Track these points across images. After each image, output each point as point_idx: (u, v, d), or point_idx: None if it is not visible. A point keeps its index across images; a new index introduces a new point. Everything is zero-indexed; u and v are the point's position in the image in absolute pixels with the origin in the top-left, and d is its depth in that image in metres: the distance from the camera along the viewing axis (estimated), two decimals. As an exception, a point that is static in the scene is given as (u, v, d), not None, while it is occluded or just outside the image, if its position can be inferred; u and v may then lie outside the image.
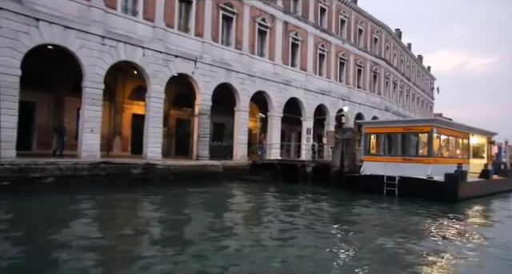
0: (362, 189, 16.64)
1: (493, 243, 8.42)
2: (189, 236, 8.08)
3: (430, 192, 14.74)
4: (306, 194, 16.49)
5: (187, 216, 10.50)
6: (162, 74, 18.12)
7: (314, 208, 12.56)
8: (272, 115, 25.26)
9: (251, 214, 11.56)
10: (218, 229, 8.70)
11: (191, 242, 7.47)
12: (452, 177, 14.59)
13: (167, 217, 10.16)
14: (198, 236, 7.88)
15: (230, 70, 21.88)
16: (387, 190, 15.90)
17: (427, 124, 15.51)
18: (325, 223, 10.09)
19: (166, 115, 23.28)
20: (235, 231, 8.69)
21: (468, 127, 18.68)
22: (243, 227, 9.37)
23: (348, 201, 14.70)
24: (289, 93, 26.38)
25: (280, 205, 13.33)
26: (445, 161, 16.28)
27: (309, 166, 20.26)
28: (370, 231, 9.33)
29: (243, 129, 22.87)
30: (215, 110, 25.70)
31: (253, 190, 17.15)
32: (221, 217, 10.35)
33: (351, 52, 33.38)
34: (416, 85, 53.08)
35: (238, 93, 22.59)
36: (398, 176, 15.63)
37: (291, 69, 26.94)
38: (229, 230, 8.79)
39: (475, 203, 15.27)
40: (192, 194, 14.68)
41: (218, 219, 9.94)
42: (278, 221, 9.95)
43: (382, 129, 16.93)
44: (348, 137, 18.09)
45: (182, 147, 24.30)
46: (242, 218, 10.66)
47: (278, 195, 15.81)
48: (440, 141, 16.35)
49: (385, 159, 16.39)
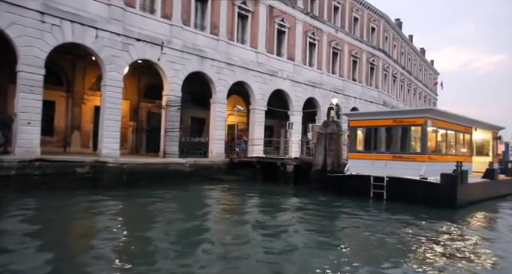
0: (345, 191, 14.42)
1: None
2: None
3: (423, 196, 12.49)
4: (278, 197, 14.26)
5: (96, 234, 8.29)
6: (120, 59, 15.91)
7: (270, 221, 10.21)
8: (255, 109, 23.01)
9: (188, 232, 9.32)
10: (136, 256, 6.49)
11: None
12: (449, 178, 12.28)
13: (76, 231, 7.97)
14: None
15: (204, 58, 19.64)
16: (374, 192, 13.66)
17: (420, 115, 13.19)
18: (272, 250, 7.81)
19: (135, 108, 21.22)
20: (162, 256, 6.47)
21: (470, 120, 16.32)
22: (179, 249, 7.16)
23: (326, 207, 12.43)
24: (274, 84, 24.10)
25: (231, 217, 11.08)
26: (442, 159, 13.97)
27: (290, 164, 18.02)
28: (341, 256, 7.08)
29: (220, 123, 20.64)
30: (194, 104, 23.63)
31: (219, 193, 14.95)
32: (144, 240, 8.11)
33: (345, 42, 30.99)
34: (418, 79, 50.52)
35: (214, 83, 20.35)
36: (387, 177, 13.37)
37: (277, 58, 24.65)
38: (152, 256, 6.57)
39: (478, 208, 12.94)
40: (140, 198, 12.49)
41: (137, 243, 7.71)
42: (218, 245, 7.70)
43: (369, 122, 14.63)
44: (331, 131, 15.80)
45: (154, 143, 22.09)
46: (178, 237, 8.44)
47: (241, 201, 13.55)
48: (436, 135, 14.03)
49: (372, 157, 14.10)
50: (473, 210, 12.60)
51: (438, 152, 14.07)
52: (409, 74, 45.82)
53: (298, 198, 14.29)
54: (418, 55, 50.75)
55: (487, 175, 15.64)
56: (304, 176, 17.22)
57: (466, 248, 7.59)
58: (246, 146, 20.79)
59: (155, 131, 21.60)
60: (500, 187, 16.42)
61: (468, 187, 13.10)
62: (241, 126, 26.83)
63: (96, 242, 6.92)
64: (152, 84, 21.25)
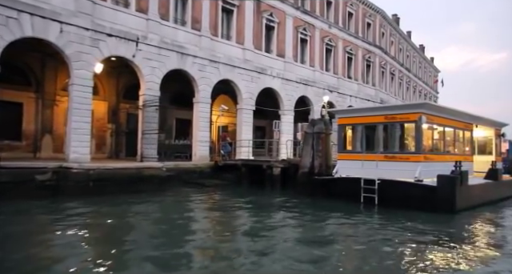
0: (334, 196, 13.15)
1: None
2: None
3: (418, 200, 11.21)
4: (259, 205, 13.00)
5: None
6: (89, 56, 14.71)
7: (247, 237, 8.99)
8: (242, 108, 21.76)
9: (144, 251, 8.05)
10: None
11: None
12: (447, 180, 10.99)
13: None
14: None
15: (185, 55, 18.42)
16: (365, 197, 12.38)
17: (414, 111, 11.90)
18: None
19: (114, 110, 20.02)
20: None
21: (470, 116, 15.01)
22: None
23: (310, 216, 11.15)
24: (263, 83, 22.86)
25: (200, 232, 9.83)
26: (439, 159, 12.68)
27: (276, 167, 16.74)
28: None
29: (203, 124, 19.40)
30: (179, 104, 22.44)
31: (196, 200, 13.68)
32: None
33: (340, 38, 29.72)
34: (417, 77, 49.17)
35: (197, 81, 19.12)
36: (378, 179, 12.08)
37: (266, 55, 23.42)
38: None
39: (480, 213, 11.63)
40: (105, 207, 11.26)
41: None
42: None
43: (358, 119, 13.34)
44: (319, 130, 14.53)
45: (135, 146, 20.94)
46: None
47: (217, 210, 12.28)
48: (432, 133, 12.74)
49: (362, 157, 12.81)
50: (474, 215, 11.28)
51: (434, 151, 12.78)
52: (408, 72, 44.50)
53: (282, 205, 13.03)
54: (417, 52, 49.43)
55: (490, 176, 14.32)
56: (292, 180, 15.96)
57: (466, 262, 6.31)
58: (232, 148, 19.50)
59: (135, 134, 20.43)
60: (504, 189, 15.09)
61: (468, 189, 11.80)
62: (231, 128, 25.60)
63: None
64: (132, 84, 19.99)
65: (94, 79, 19.04)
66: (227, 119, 26.74)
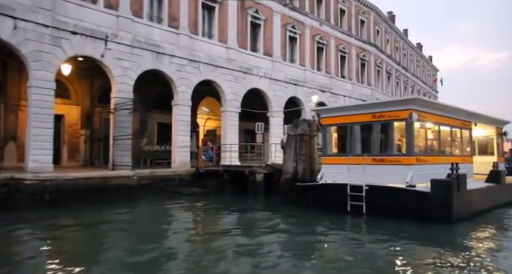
0: (319, 204, 11.85)
1: None
2: None
3: (411, 208, 9.87)
4: (236, 217, 11.72)
5: None
6: (50, 56, 13.49)
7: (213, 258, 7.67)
8: (226, 110, 20.50)
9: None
10: None
11: None
12: (442, 185, 9.67)
13: None
14: None
15: (161, 54, 17.20)
16: (351, 205, 11.05)
17: (404, 108, 10.58)
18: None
19: (88, 114, 18.76)
20: None
21: (469, 113, 13.69)
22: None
23: (290, 230, 9.85)
24: (249, 83, 21.61)
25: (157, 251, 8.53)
26: (434, 160, 11.35)
27: (259, 173, 15.43)
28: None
29: (183, 128, 18.12)
30: (161, 108, 21.18)
31: (166, 212, 12.39)
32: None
33: (331, 35, 28.48)
34: (416, 76, 47.87)
35: (175, 82, 17.88)
36: (366, 185, 10.76)
37: (251, 54, 22.19)
38: None
39: (481, 222, 10.28)
40: (59, 223, 10.00)
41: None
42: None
43: (343, 118, 12.03)
44: (302, 132, 13.24)
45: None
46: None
47: (187, 224, 11.03)
48: (426, 132, 11.41)
49: (347, 161, 11.49)
50: (474, 224, 9.95)
51: (428, 153, 11.44)
52: (405, 71, 43.21)
53: (261, 217, 11.73)
54: (415, 51, 48.16)
55: (492, 179, 12.98)
56: (277, 186, 14.64)
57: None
58: (214, 153, 18.20)
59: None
60: (508, 193, 13.73)
61: (467, 194, 10.46)
62: (220, 132, 24.32)
63: None
64: (108, 86, 18.53)
65: (65, 82, 18.03)
66: (215, 123, 25.51)
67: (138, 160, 20.69)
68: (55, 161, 17.09)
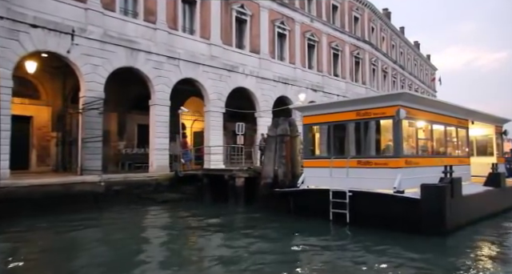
0: (300, 212, 10.72)
1: None
2: None
3: (399, 218, 8.72)
4: (208, 229, 10.54)
5: None
6: (5, 51, 12.33)
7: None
8: (209, 111, 19.36)
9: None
10: None
11: None
12: (433, 191, 8.51)
13: None
14: None
15: (136, 50, 16.08)
16: (334, 213, 9.90)
17: (391, 104, 9.43)
18: None
19: (60, 116, 17.61)
20: None
21: (465, 110, 12.53)
22: None
23: (262, 242, 8.67)
24: (234, 82, 20.49)
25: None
26: (426, 163, 10.19)
27: (239, 177, 14.25)
28: None
29: (162, 129, 16.99)
30: (142, 109, 20.01)
31: (131, 223, 11.21)
32: None
33: (323, 32, 27.36)
34: (413, 75, 46.72)
35: (152, 81, 16.75)
36: (350, 191, 9.61)
37: (237, 51, 21.07)
38: None
39: (479, 232, 9.11)
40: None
41: None
42: None
43: (326, 116, 10.86)
44: (282, 132, 12.10)
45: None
46: None
47: (149, 239, 9.85)
48: (416, 131, 10.24)
49: (330, 164, 10.33)
50: (470, 236, 8.79)
51: (419, 154, 10.28)
52: (402, 69, 42.07)
53: (236, 226, 10.60)
54: (412, 49, 47.05)
55: (490, 182, 11.81)
56: (258, 192, 13.50)
57: None
58: (192, 155, 17.03)
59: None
60: (509, 197, 12.55)
61: (463, 201, 9.28)
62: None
63: None
64: (82, 86, 17.71)
65: (34, 81, 16.91)
66: (203, 124, 24.37)
67: (115, 164, 19.65)
68: (23, 166, 16.07)
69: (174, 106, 17.44)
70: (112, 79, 18.79)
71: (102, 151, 19.58)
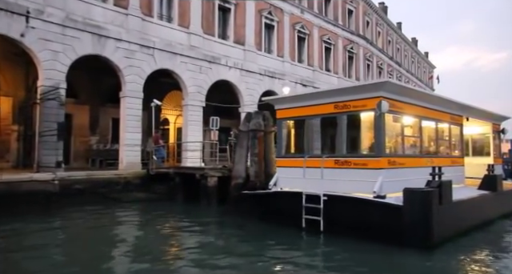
0: (271, 217, 9.48)
1: None
2: None
3: (379, 227, 7.48)
4: (164, 232, 9.28)
5: None
6: None
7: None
8: (187, 104, 18.07)
9: None
10: None
11: None
12: (418, 196, 7.26)
13: None
14: None
15: (105, 37, 14.78)
16: (307, 220, 8.65)
17: (372, 95, 8.15)
18: None
19: (22, 107, 16.29)
20: None
21: (460, 105, 11.28)
22: None
23: (216, 254, 7.41)
24: (215, 74, 19.20)
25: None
26: (413, 163, 8.93)
27: (211, 176, 13.00)
28: None
29: (133, 124, 15.70)
30: (116, 102, 18.70)
31: (82, 230, 9.91)
32: None
33: (314, 25, 26.05)
34: (410, 72, 45.47)
35: (122, 71, 15.47)
36: (325, 195, 8.36)
37: (219, 41, 19.77)
38: None
39: (471, 247, 7.83)
40: None
41: None
42: None
43: (302, 110, 9.58)
44: (255, 127, 10.83)
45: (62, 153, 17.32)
46: None
47: (100, 250, 8.57)
48: (402, 127, 8.97)
49: (304, 164, 9.07)
50: (461, 249, 7.53)
51: (405, 154, 9.01)
52: (398, 66, 40.80)
53: (200, 231, 9.36)
54: (410, 45, 45.77)
55: (486, 185, 10.57)
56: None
57: None
58: (165, 152, 15.74)
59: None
60: (506, 202, 11.32)
61: (453, 207, 8.04)
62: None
63: None
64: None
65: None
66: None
67: (86, 160, 18.38)
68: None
69: (152, 100, 16.14)
70: (83, 69, 17.51)
71: (73, 146, 18.50)
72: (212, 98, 19.25)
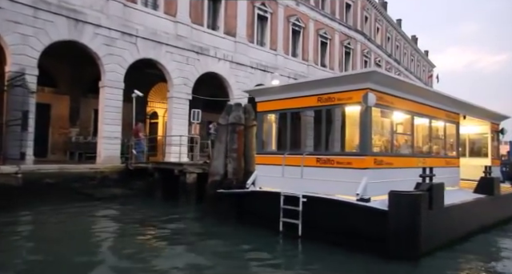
0: (248, 219, 8.70)
1: None
2: None
3: (362, 234, 6.70)
4: (131, 235, 8.47)
5: None
6: None
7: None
8: (172, 97, 17.22)
9: None
10: None
11: None
12: (404, 200, 6.46)
13: None
14: None
15: (82, 22, 13.90)
16: (285, 224, 7.85)
17: (358, 87, 7.32)
18: None
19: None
20: None
21: (457, 102, 10.46)
22: None
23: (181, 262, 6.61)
24: (203, 66, 18.34)
25: None
26: (403, 164, 8.12)
27: (190, 172, 12.19)
28: None
29: (112, 115, 14.86)
30: (98, 92, 17.91)
31: (39, 231, 9.10)
32: None
33: (310, 18, 25.16)
34: (409, 70, 44.60)
35: (102, 59, 14.60)
36: (304, 196, 7.56)
37: (208, 32, 18.88)
38: None
39: (465, 259, 7.05)
40: None
41: None
42: None
43: (282, 102, 8.74)
44: (235, 121, 10.00)
45: (39, 145, 16.49)
46: None
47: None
48: (392, 123, 8.15)
49: (283, 161, 8.26)
50: (453, 260, 6.74)
51: (394, 153, 8.20)
52: (397, 64, 39.93)
53: (172, 235, 8.55)
54: (409, 43, 44.88)
55: (482, 188, 9.76)
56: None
57: None
58: (144, 145, 14.88)
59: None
60: (503, 207, 10.54)
61: (444, 213, 7.25)
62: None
63: None
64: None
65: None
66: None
67: (64, 153, 17.56)
68: None
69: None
70: (64, 57, 16.68)
71: (51, 138, 17.67)
72: (202, 92, 18.43)
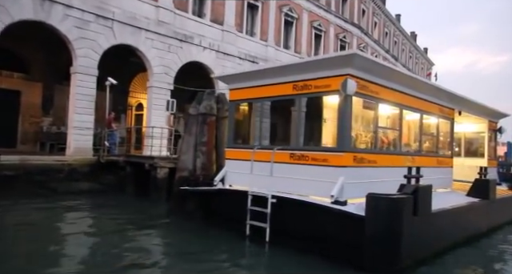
0: (215, 219, 7.79)
1: None
2: None
3: (336, 242, 5.80)
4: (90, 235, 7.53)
5: None
6: None
7: None
8: (152, 86, 16.21)
9: None
10: None
11: None
12: (384, 205, 5.53)
13: None
14: None
15: (50, 1, 12.83)
16: (252, 227, 6.93)
17: (338, 73, 6.36)
18: None
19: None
20: None
21: (452, 96, 9.52)
22: None
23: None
24: (187, 54, 17.30)
25: None
26: (387, 162, 7.19)
27: (162, 167, 11.24)
28: None
29: (84, 104, 13.86)
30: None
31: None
32: None
33: (304, 9, 24.11)
34: (407, 67, 43.56)
35: (72, 43, 13.56)
36: (274, 196, 6.63)
37: (194, 19, 17.83)
38: None
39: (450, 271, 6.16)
40: None
41: None
42: None
43: (257, 90, 7.76)
44: (206, 111, 9.04)
45: (7, 135, 15.54)
46: None
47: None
48: (376, 115, 7.18)
49: (252, 156, 7.32)
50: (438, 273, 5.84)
51: (377, 150, 7.25)
52: (395, 60, 38.91)
53: (133, 236, 7.60)
54: (408, 39, 43.86)
55: (476, 191, 8.85)
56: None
57: None
58: (117, 137, 13.92)
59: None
60: (500, 211, 9.64)
61: (431, 220, 6.32)
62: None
63: None
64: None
65: None
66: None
67: (35, 144, 16.56)
68: None
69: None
70: (35, 41, 15.68)
71: (21, 127, 16.64)
72: (190, 83, 17.40)
